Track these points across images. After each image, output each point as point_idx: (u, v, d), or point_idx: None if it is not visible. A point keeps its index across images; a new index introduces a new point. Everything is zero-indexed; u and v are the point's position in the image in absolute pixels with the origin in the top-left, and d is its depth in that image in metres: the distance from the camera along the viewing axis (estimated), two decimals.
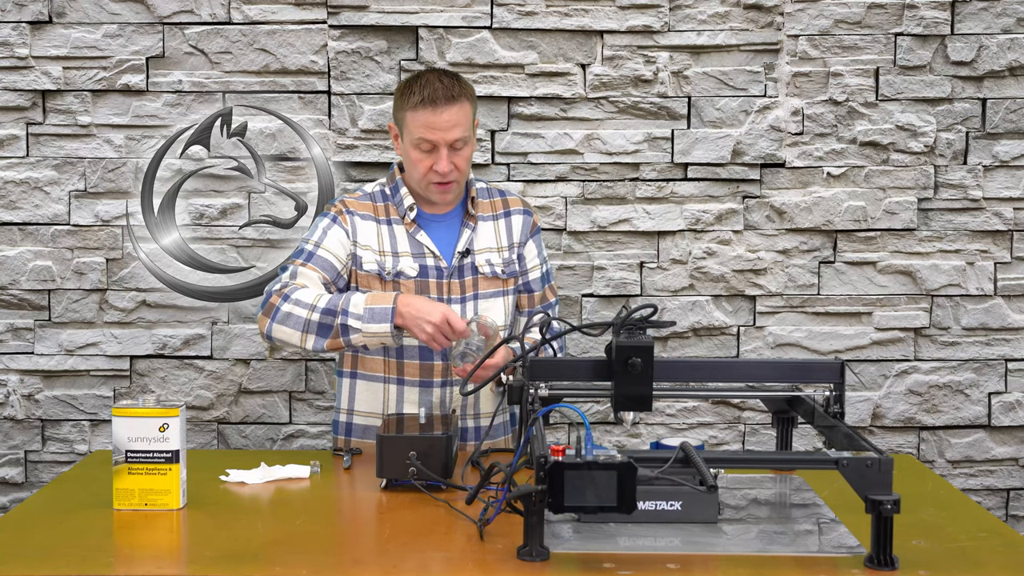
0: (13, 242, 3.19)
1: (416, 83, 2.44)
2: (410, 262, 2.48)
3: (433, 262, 2.49)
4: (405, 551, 1.79)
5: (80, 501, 2.05)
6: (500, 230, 2.57)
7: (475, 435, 2.53)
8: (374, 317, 2.31)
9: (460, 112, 2.41)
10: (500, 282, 2.54)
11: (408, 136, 2.44)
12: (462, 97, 2.42)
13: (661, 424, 3.29)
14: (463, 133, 2.42)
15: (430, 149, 2.41)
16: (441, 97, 2.39)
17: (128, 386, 3.23)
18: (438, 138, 2.40)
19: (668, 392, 2.18)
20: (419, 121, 2.40)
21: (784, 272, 3.24)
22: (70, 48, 3.14)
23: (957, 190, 3.22)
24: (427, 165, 2.42)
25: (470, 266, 2.51)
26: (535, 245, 2.63)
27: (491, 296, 2.53)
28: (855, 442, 1.82)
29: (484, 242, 2.54)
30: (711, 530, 1.88)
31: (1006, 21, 3.19)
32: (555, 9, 3.16)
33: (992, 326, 3.27)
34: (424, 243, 2.50)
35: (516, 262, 2.57)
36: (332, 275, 2.45)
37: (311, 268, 2.44)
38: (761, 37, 3.18)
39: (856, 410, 3.27)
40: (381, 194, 2.55)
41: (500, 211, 2.59)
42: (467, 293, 2.51)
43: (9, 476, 3.25)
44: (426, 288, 2.48)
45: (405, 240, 2.50)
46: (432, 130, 2.39)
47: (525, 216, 2.61)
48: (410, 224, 2.50)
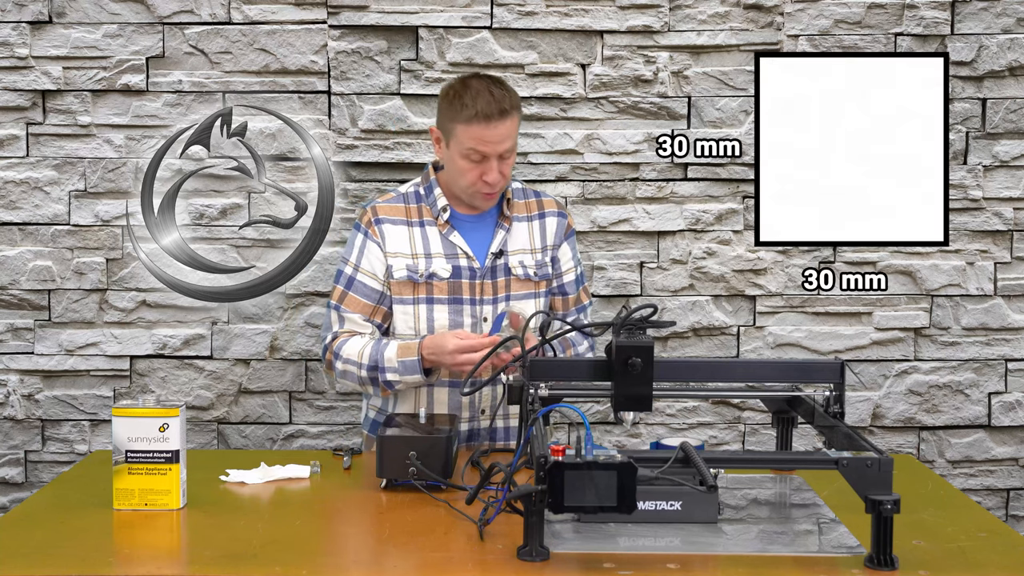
0: (13, 242, 3.19)
1: (467, 94, 2.42)
2: (443, 263, 2.49)
3: (466, 263, 2.50)
4: (405, 551, 1.79)
5: (80, 501, 2.05)
6: (534, 231, 2.58)
7: (504, 436, 2.54)
8: (407, 369, 2.41)
9: (511, 125, 2.42)
10: (532, 284, 2.55)
11: (457, 146, 2.43)
12: (513, 110, 2.43)
13: (661, 424, 3.29)
14: (512, 142, 2.44)
15: (480, 160, 2.42)
16: (495, 112, 2.39)
17: (128, 386, 3.23)
18: (490, 151, 2.41)
19: (668, 392, 2.18)
20: (471, 134, 2.40)
21: (784, 272, 3.24)
22: (70, 48, 3.14)
23: (957, 190, 3.22)
24: (476, 175, 2.43)
25: (503, 267, 2.52)
26: (569, 248, 2.64)
27: (523, 298, 2.54)
28: (855, 442, 1.82)
29: (518, 243, 2.55)
30: (711, 530, 1.88)
31: (1006, 21, 3.19)
32: (555, 9, 3.16)
33: (992, 326, 3.27)
34: (457, 244, 2.50)
35: (549, 264, 2.58)
36: (374, 297, 2.50)
37: (352, 302, 2.50)
38: (761, 37, 3.18)
39: (856, 410, 3.27)
40: (415, 195, 2.55)
41: (535, 212, 2.60)
42: (499, 294, 2.51)
43: (9, 476, 3.25)
44: (459, 288, 2.49)
45: (438, 241, 2.51)
46: (485, 143, 2.40)
47: (560, 218, 2.62)
48: (443, 225, 2.51)
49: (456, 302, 2.48)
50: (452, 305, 2.48)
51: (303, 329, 3.23)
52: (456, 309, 2.48)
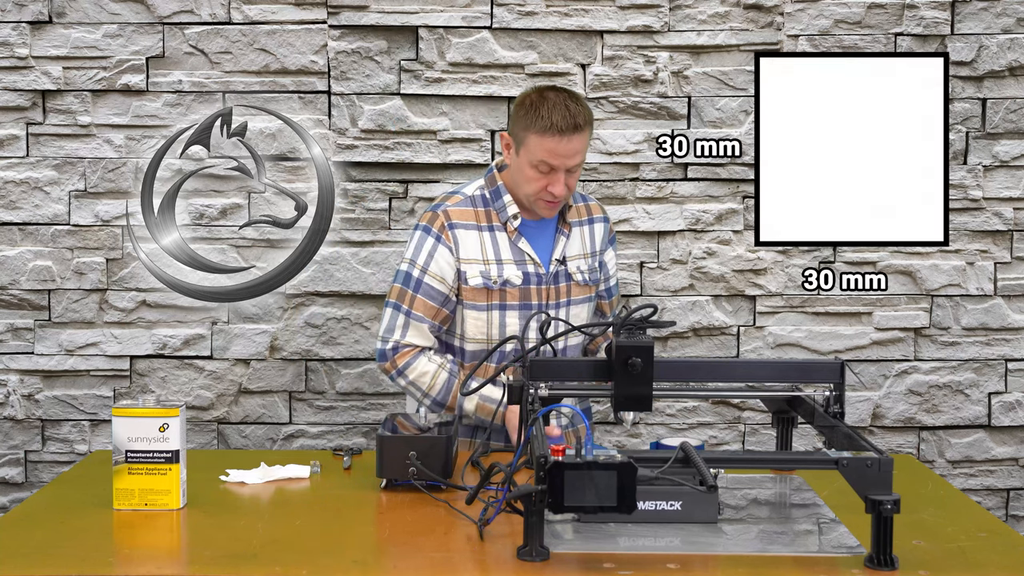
0: (13, 242, 3.19)
1: (544, 106, 2.41)
2: (514, 270, 2.50)
3: (534, 269, 2.52)
4: (405, 551, 1.79)
5: (80, 501, 2.04)
6: (585, 237, 2.61)
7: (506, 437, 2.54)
8: (480, 421, 2.48)
9: (583, 140, 2.43)
10: (587, 288, 2.59)
11: (527, 155, 2.43)
12: (587, 125, 2.43)
13: (661, 424, 3.29)
14: (582, 158, 2.46)
15: (548, 171, 2.43)
16: (570, 127, 2.39)
17: (128, 386, 3.23)
18: (560, 164, 2.42)
19: (668, 392, 2.18)
20: (544, 146, 2.40)
21: (784, 272, 3.24)
22: (70, 48, 3.14)
23: (957, 190, 3.22)
24: (542, 185, 2.44)
25: (564, 273, 2.55)
26: (613, 253, 2.70)
27: (581, 302, 2.57)
28: (855, 442, 1.82)
29: (574, 249, 2.58)
30: (711, 530, 1.88)
31: (1006, 21, 3.19)
32: (555, 9, 3.16)
33: (992, 326, 3.27)
34: (525, 250, 2.52)
35: (598, 269, 2.62)
36: (440, 301, 2.50)
37: (419, 304, 2.48)
38: (761, 37, 3.18)
39: (856, 410, 3.27)
40: (482, 198, 2.55)
41: (585, 217, 2.63)
42: (561, 299, 2.55)
43: (9, 476, 3.25)
44: (528, 295, 2.51)
45: (507, 247, 2.52)
46: (556, 156, 2.41)
47: (605, 224, 2.66)
48: (512, 232, 2.52)
49: (526, 308, 2.51)
50: (522, 311, 2.51)
51: (303, 329, 3.23)
52: (526, 315, 2.50)
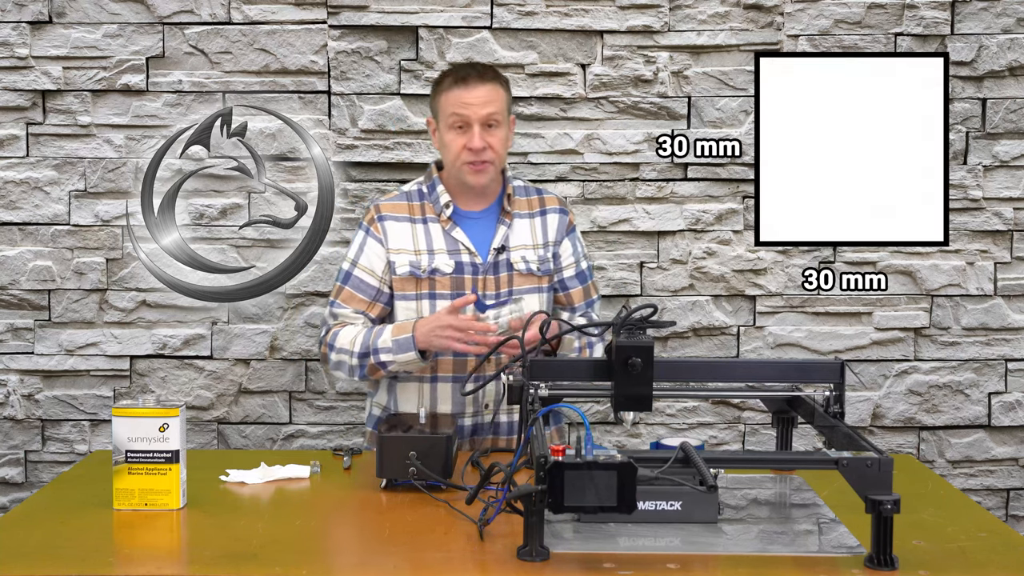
0: (13, 242, 3.19)
1: (450, 70, 2.55)
2: (445, 259, 2.51)
3: (468, 258, 2.52)
4: (405, 551, 1.79)
5: (80, 501, 2.05)
6: (536, 228, 2.60)
7: (508, 430, 2.55)
8: (400, 348, 2.43)
9: (492, 91, 2.47)
10: (535, 279, 2.57)
11: (443, 120, 2.49)
12: (495, 81, 2.49)
13: (661, 424, 3.29)
14: (496, 110, 2.46)
15: (462, 126, 2.46)
16: (473, 75, 2.47)
17: (128, 386, 3.23)
18: (470, 113, 2.44)
19: (668, 392, 2.18)
20: (451, 99, 2.46)
21: (784, 272, 3.24)
22: (70, 48, 3.14)
23: (957, 190, 3.22)
24: (460, 144, 2.46)
25: (505, 262, 2.54)
26: (570, 244, 2.65)
27: (527, 292, 2.56)
28: (855, 442, 1.82)
29: (519, 239, 2.57)
30: (711, 530, 1.88)
31: (1006, 21, 3.19)
32: (555, 9, 3.16)
33: (992, 326, 3.27)
34: (460, 239, 2.53)
35: (551, 260, 2.61)
36: (370, 293, 2.54)
37: (348, 296, 2.54)
38: (761, 37, 3.18)
39: (856, 410, 3.27)
40: (418, 193, 2.59)
41: (536, 209, 2.62)
42: (502, 289, 2.54)
43: (9, 476, 3.25)
44: (461, 284, 2.51)
45: (441, 237, 2.53)
46: (464, 105, 2.44)
47: (560, 215, 2.64)
48: (446, 221, 2.54)
49: (459, 297, 2.48)
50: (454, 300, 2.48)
51: (303, 329, 3.23)
52: None
